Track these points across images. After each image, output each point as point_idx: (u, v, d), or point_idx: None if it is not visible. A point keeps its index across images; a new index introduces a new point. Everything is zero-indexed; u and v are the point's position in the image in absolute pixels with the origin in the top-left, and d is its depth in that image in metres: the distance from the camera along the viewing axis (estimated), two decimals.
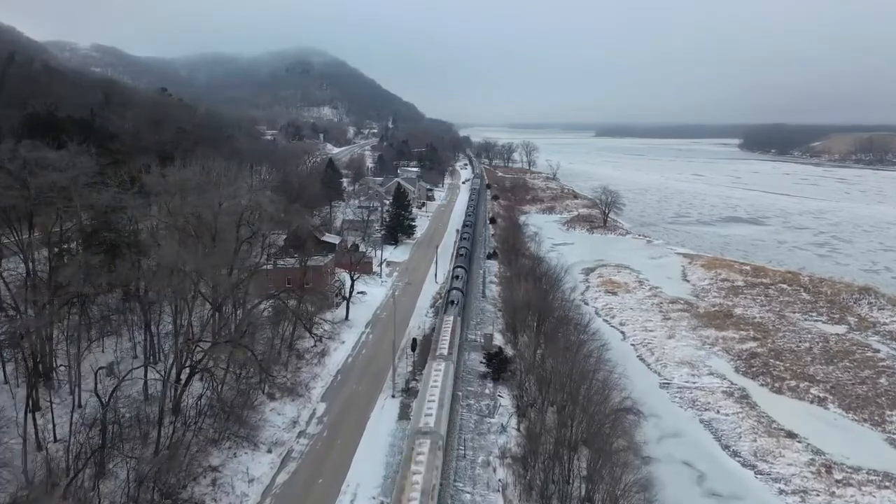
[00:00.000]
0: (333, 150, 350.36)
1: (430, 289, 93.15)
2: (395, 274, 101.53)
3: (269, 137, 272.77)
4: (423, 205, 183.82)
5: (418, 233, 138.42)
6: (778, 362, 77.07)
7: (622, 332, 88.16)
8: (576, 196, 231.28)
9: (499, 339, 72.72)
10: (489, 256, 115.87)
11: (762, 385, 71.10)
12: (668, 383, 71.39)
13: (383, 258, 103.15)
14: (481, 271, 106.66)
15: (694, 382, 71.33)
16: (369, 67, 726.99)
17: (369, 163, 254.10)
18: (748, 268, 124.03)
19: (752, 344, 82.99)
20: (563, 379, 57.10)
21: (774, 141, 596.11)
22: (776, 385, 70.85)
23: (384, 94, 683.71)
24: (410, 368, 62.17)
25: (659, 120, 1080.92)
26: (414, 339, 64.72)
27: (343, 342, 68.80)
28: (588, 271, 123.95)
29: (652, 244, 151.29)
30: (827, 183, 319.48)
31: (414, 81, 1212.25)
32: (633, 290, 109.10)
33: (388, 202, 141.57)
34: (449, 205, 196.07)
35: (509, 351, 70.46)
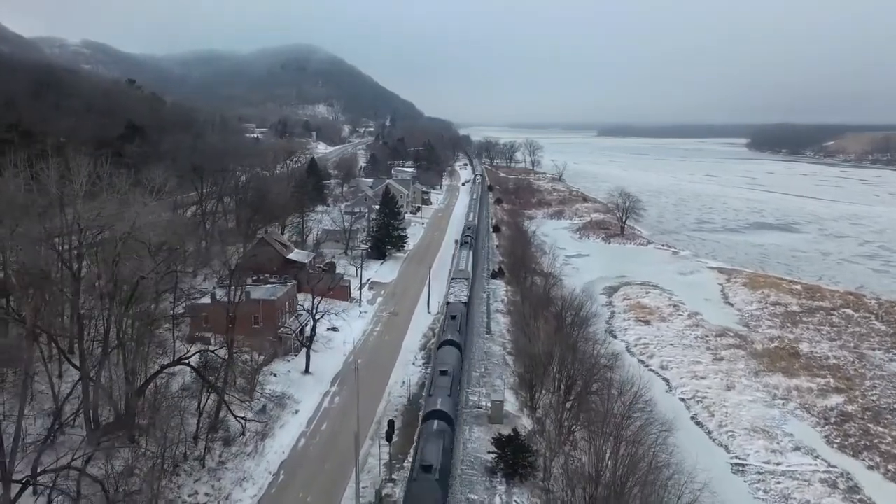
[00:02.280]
0: (325, 149, 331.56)
1: (422, 322, 74.08)
2: (380, 300, 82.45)
3: (255, 136, 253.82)
4: (418, 209, 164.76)
5: (411, 243, 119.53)
6: (880, 428, 58.15)
7: (666, 381, 69.11)
8: (585, 199, 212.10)
9: (511, 403, 53.75)
10: (494, 275, 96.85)
11: (871, 467, 52.15)
12: (743, 465, 52.38)
13: (363, 281, 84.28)
14: (484, 295, 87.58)
15: (778, 463, 52.31)
16: (367, 65, 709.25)
17: (362, 163, 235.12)
18: (799, 287, 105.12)
19: (838, 399, 63.99)
20: (605, 472, 38.54)
21: (784, 140, 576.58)
22: (890, 468, 51.83)
23: (382, 91, 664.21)
24: (386, 459, 43.21)
25: (661, 119, 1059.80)
26: (390, 423, 45.59)
27: (296, 411, 49.71)
28: (611, 291, 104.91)
29: (679, 256, 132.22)
30: (850, 184, 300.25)
31: (412, 79, 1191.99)
32: (668, 317, 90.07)
33: (377, 207, 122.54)
34: (447, 209, 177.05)
35: (525, 422, 51.54)
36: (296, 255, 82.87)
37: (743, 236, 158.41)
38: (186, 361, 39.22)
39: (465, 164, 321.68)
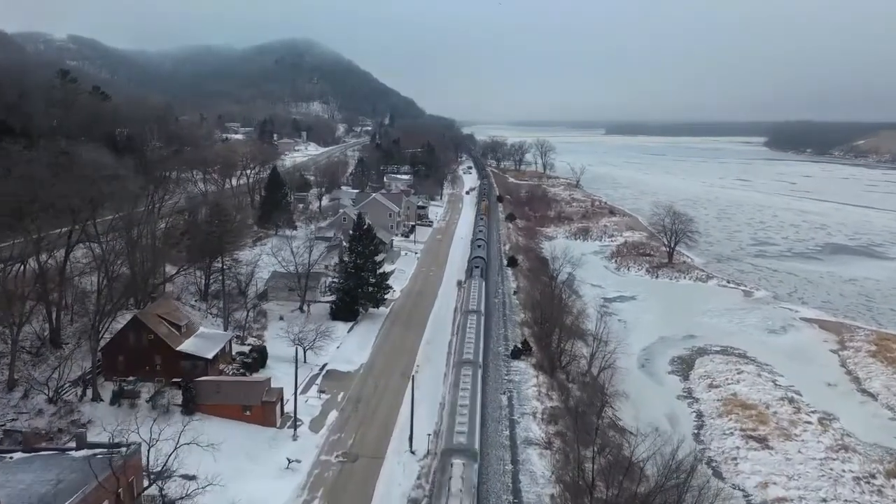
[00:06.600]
0: (316, 150, 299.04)
1: (397, 482, 41.26)
2: (332, 418, 49.62)
3: (224, 137, 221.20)
4: (412, 231, 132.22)
5: (397, 287, 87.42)
6: None
7: None
8: (612, 212, 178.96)
9: None
10: (515, 353, 64.11)
11: None
12: None
13: (304, 379, 51.69)
14: (504, 397, 55.20)
15: None
16: (366, 60, 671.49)
17: (353, 168, 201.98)
18: None
19: None
20: None
21: (807, 139, 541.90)
22: None
23: (381, 88, 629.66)
24: None
25: (671, 117, 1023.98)
26: None
27: None
28: (683, 367, 72.37)
29: (754, 299, 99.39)
30: None
31: (413, 75, 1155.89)
32: (792, 429, 57.23)
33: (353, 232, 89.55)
34: (448, 228, 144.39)
35: None
36: (195, 342, 50.24)
37: (822, 265, 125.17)
38: None
39: (470, 168, 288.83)
